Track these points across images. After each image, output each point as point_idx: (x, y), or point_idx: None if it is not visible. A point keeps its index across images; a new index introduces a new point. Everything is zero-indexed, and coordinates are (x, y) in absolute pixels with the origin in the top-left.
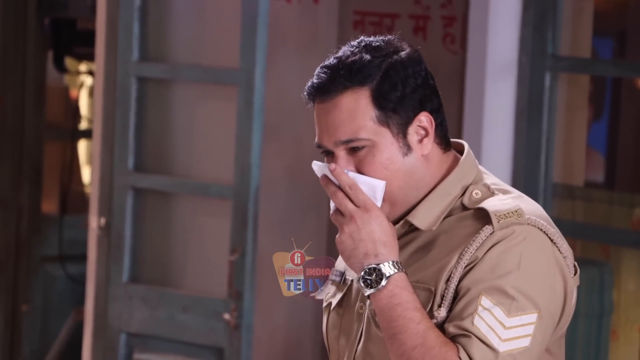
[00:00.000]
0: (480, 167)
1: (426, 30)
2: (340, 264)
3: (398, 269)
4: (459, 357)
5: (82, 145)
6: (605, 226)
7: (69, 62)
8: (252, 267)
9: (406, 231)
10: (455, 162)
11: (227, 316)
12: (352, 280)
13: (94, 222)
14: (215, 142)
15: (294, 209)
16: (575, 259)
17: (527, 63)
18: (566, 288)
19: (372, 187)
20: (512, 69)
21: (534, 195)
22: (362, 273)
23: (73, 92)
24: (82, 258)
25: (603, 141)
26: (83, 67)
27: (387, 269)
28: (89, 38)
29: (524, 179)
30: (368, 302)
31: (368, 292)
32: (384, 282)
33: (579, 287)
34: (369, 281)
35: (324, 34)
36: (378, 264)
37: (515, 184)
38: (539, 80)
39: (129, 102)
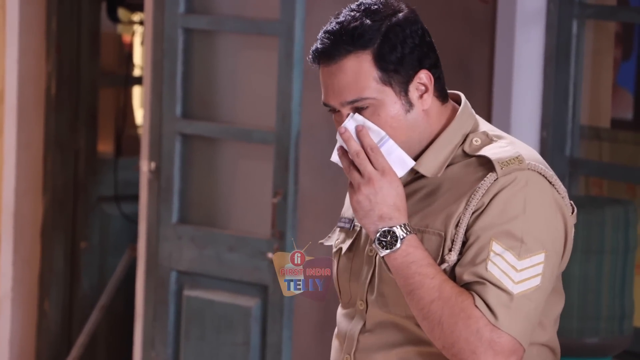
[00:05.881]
0: (476, 115)
1: None
2: (348, 210)
3: (409, 231)
4: (476, 305)
5: (135, 91)
6: (631, 166)
7: (121, 12)
8: (294, 209)
9: (412, 179)
10: (453, 112)
11: (270, 255)
12: (360, 227)
13: (145, 166)
14: (258, 90)
15: (332, 152)
16: (602, 198)
17: (555, 11)
18: (566, 226)
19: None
20: (540, 17)
21: (562, 137)
22: (378, 235)
23: (125, 41)
24: (136, 198)
25: (632, 81)
26: (135, 17)
27: (400, 231)
28: None
29: (553, 121)
30: None
31: (383, 253)
32: (398, 244)
33: (605, 224)
34: (384, 243)
35: None
36: (391, 227)
37: (545, 126)
38: (566, 27)
39: (176, 52)
